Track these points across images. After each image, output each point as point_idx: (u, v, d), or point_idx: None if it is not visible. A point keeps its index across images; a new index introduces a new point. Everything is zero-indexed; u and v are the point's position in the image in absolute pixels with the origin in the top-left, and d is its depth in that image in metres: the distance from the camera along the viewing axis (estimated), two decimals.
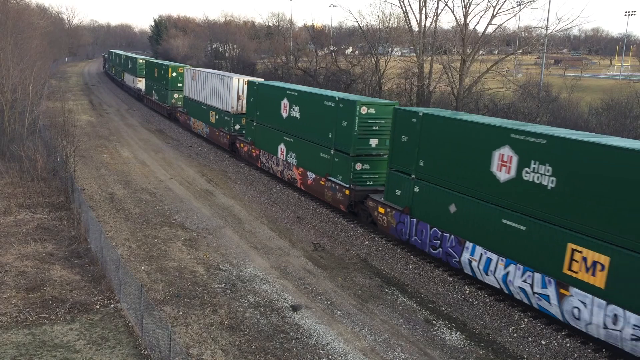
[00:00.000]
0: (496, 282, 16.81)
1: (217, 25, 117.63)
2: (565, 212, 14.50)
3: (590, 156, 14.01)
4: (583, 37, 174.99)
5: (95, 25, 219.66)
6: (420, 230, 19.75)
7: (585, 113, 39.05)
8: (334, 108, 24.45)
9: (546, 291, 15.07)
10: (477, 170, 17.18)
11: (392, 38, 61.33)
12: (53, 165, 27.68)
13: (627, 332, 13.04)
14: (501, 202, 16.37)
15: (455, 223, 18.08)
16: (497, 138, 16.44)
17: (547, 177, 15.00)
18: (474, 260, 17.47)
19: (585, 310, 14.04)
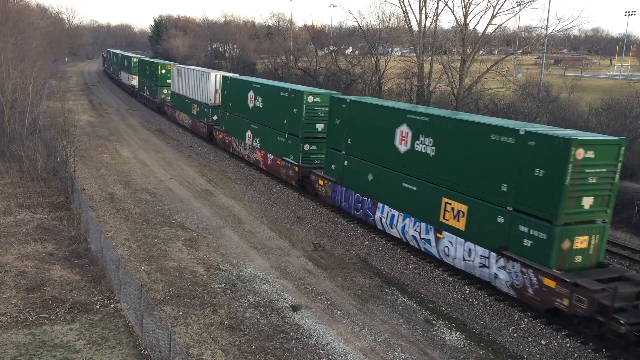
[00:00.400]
0: (397, 233, 21.15)
1: (217, 25, 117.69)
2: (441, 174, 18.77)
3: (453, 129, 18.40)
4: (583, 37, 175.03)
5: (95, 25, 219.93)
6: (347, 197, 23.96)
7: (585, 113, 39.06)
8: (287, 98, 28.47)
9: (428, 236, 19.42)
10: (386, 145, 21.36)
11: (392, 38, 61.32)
12: (53, 165, 27.68)
13: (476, 262, 17.50)
14: (402, 169, 20.65)
15: (372, 189, 22.40)
16: (399, 118, 20.65)
17: (430, 147, 19.33)
18: (383, 217, 21.73)
19: (452, 248, 18.38)
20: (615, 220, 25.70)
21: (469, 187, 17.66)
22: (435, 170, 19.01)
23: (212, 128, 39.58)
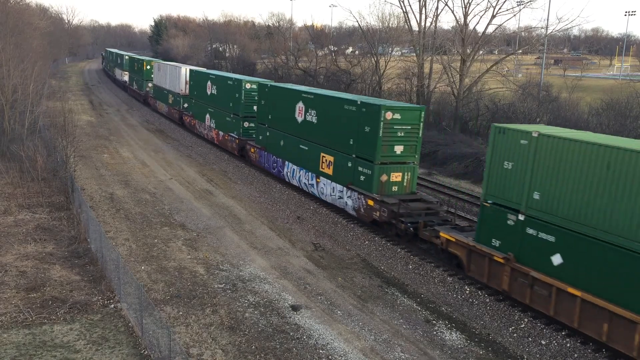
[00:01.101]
0: (297, 182, 28.26)
1: (217, 25, 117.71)
2: (320, 136, 25.96)
3: (326, 103, 25.75)
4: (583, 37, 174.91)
5: (95, 25, 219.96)
6: (269, 159, 31.09)
7: (586, 113, 39.08)
8: (232, 85, 35.70)
9: (312, 182, 26.71)
10: (290, 118, 28.29)
11: (392, 38, 61.34)
12: (53, 165, 27.67)
13: (337, 195, 24.87)
14: (299, 135, 27.63)
15: (282, 152, 29.43)
16: (297, 97, 27.76)
17: (314, 117, 26.42)
18: (289, 172, 28.96)
19: (325, 188, 25.72)
20: None
21: (335, 143, 24.88)
22: (317, 133, 26.20)
23: (182, 114, 46.83)
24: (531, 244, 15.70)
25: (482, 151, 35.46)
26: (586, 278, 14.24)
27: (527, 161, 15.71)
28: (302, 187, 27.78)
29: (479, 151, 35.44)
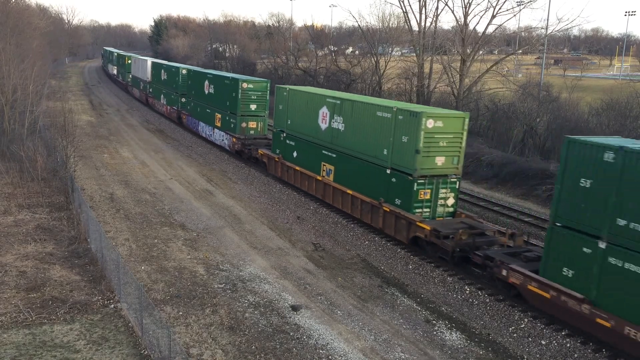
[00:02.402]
0: (204, 135, 40.90)
1: (217, 25, 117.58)
2: (214, 103, 38.70)
3: (219, 82, 38.13)
4: (583, 37, 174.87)
5: (95, 25, 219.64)
6: (192, 122, 44.02)
7: (586, 113, 39.06)
8: (174, 72, 48.61)
9: (211, 132, 39.33)
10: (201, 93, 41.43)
11: (392, 38, 61.33)
12: (53, 165, 27.66)
13: (220, 138, 37.02)
14: (206, 103, 40.08)
15: (198, 116, 42.37)
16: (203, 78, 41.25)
17: (212, 89, 38.74)
18: (200, 129, 41.76)
19: (216, 135, 37.88)
20: None
21: (220, 105, 37.83)
22: (213, 101, 39.02)
23: (147, 96, 59.39)
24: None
25: (481, 151, 35.49)
26: None
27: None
28: (206, 136, 41.33)
29: (479, 151, 35.46)
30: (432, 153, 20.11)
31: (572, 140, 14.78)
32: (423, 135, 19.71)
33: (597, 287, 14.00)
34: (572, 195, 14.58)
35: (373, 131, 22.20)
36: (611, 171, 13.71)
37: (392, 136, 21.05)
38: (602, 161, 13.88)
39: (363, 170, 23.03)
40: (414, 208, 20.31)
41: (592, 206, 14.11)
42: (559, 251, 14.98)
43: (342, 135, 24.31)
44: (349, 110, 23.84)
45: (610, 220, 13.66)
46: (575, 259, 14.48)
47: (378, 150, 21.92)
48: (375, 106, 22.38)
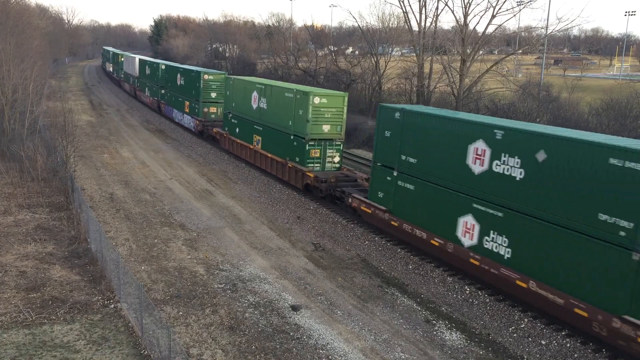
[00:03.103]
0: (177, 120, 47.47)
1: (217, 25, 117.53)
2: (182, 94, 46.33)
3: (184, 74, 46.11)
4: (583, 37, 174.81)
5: (95, 25, 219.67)
6: (168, 109, 50.89)
7: (586, 113, 39.02)
8: (155, 67, 55.87)
9: (182, 117, 46.55)
10: (174, 85, 47.78)
11: (392, 38, 61.34)
12: (53, 165, 27.66)
13: (188, 121, 44.73)
14: (177, 93, 47.09)
15: (171, 103, 49.24)
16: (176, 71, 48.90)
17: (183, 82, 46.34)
18: (175, 116, 48.24)
19: (184, 119, 45.49)
20: None
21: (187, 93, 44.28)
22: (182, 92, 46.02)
23: (135, 89, 66.45)
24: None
25: None
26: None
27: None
28: (178, 121, 47.99)
29: None
30: (319, 122, 27.23)
31: (381, 106, 21.67)
32: (311, 109, 26.86)
33: (392, 201, 21.08)
34: (382, 143, 21.53)
35: (283, 108, 29.15)
36: (398, 125, 20.51)
37: (294, 110, 28.07)
38: (394, 119, 20.61)
39: (278, 138, 29.81)
40: (307, 163, 27.32)
41: (390, 149, 20.94)
42: (376, 181, 22.02)
43: (266, 112, 31.31)
44: (270, 93, 30.89)
45: (398, 157, 20.54)
46: (384, 185, 21.47)
47: (286, 122, 28.80)
48: (284, 89, 29.60)
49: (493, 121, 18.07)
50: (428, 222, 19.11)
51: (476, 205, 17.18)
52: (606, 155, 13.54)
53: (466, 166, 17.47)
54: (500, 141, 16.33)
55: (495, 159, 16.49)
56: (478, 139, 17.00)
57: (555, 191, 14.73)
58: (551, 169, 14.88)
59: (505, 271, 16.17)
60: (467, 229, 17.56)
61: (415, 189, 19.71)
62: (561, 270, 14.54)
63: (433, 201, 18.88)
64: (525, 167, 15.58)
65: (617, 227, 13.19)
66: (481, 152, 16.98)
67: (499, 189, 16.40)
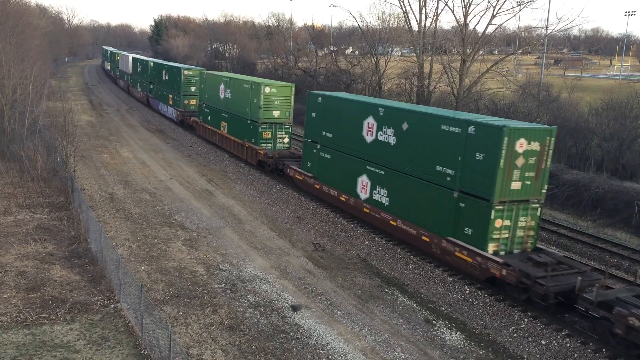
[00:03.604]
0: (162, 111, 52.67)
1: (217, 25, 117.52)
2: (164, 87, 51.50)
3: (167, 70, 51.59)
4: (583, 37, 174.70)
5: (95, 25, 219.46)
6: (154, 102, 55.62)
7: (586, 113, 38.99)
8: (145, 65, 60.45)
9: (166, 109, 51.25)
10: (156, 77, 54.15)
11: (392, 38, 61.32)
12: (53, 165, 27.66)
13: (171, 112, 49.89)
14: (161, 87, 52.41)
15: (157, 97, 54.30)
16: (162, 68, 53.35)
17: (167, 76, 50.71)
18: (160, 108, 53.25)
19: (168, 110, 50.65)
20: (615, 220, 25.75)
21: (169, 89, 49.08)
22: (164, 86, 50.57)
23: (129, 85, 70.87)
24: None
25: None
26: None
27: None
28: (162, 113, 53.00)
29: None
30: (270, 109, 32.02)
31: (309, 93, 26.96)
32: (263, 98, 31.65)
33: (316, 169, 26.29)
34: (309, 123, 26.63)
35: (243, 97, 33.95)
36: (320, 108, 25.76)
37: (250, 99, 32.86)
38: (318, 102, 25.82)
39: (239, 123, 34.67)
40: (260, 143, 32.13)
41: (315, 127, 26.08)
42: (306, 154, 27.28)
43: (230, 101, 36.10)
44: (233, 85, 35.74)
45: (320, 133, 25.67)
46: (311, 156, 26.72)
47: (244, 110, 33.70)
48: (243, 81, 34.68)
49: (378, 102, 23.74)
50: (339, 183, 24.56)
51: (369, 167, 22.54)
52: (439, 123, 18.86)
53: (362, 137, 22.79)
54: (382, 117, 21.63)
55: (379, 130, 21.79)
56: (369, 116, 22.32)
57: (412, 152, 20.11)
58: (410, 135, 20.24)
59: (385, 215, 21.60)
60: (363, 186, 23.00)
61: (331, 158, 25.12)
62: (415, 210, 20.10)
63: (342, 166, 24.34)
64: (396, 136, 20.94)
65: (445, 174, 18.64)
66: (371, 126, 22.29)
67: (382, 153, 21.72)
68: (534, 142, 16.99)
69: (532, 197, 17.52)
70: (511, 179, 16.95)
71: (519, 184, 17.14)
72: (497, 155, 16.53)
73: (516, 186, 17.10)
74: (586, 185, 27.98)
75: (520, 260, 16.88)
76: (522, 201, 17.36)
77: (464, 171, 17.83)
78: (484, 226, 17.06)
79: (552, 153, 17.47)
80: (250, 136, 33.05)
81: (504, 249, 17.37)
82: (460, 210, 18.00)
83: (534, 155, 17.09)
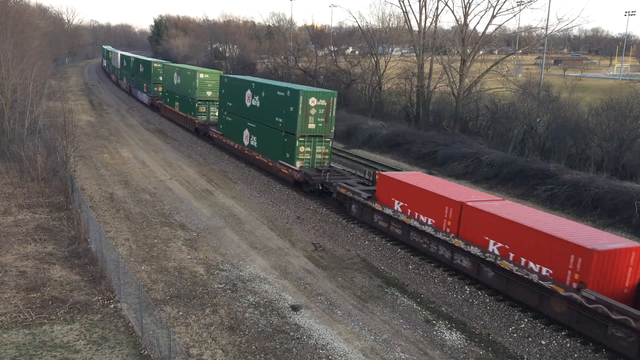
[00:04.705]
0: (140, 98, 64.40)
1: (217, 25, 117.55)
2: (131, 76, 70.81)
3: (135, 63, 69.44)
4: (583, 37, 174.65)
5: (95, 25, 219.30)
6: (135, 90, 67.46)
7: (586, 113, 38.97)
8: (133, 61, 68.88)
9: (142, 95, 63.51)
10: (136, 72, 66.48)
11: (392, 38, 61.34)
12: (53, 165, 27.65)
13: (145, 98, 62.24)
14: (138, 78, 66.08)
15: (137, 87, 66.02)
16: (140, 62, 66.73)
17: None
18: (138, 95, 65.62)
19: (143, 97, 63.02)
20: (615, 220, 25.73)
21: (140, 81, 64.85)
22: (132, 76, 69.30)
23: (118, 79, 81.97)
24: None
25: (482, 151, 35.48)
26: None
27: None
28: (140, 100, 62.85)
29: (479, 151, 35.43)
30: (204, 90, 43.00)
31: (220, 76, 39.58)
32: (198, 82, 42.66)
33: (224, 129, 37.53)
34: (221, 97, 37.97)
35: (187, 81, 44.89)
36: (225, 85, 37.18)
37: (191, 83, 43.91)
38: (225, 82, 37.45)
39: (185, 102, 45.84)
40: (197, 115, 43.33)
41: (224, 99, 37.29)
42: (220, 119, 38.67)
43: (180, 85, 47.21)
44: (181, 72, 47.45)
45: (226, 103, 36.81)
46: (222, 121, 37.82)
47: (187, 90, 44.97)
48: (187, 69, 46.57)
49: (253, 79, 36.19)
50: (234, 136, 35.89)
51: (248, 123, 33.66)
52: (276, 90, 30.31)
53: (244, 103, 33.90)
54: (254, 89, 32.88)
55: (253, 98, 32.99)
56: (247, 89, 33.54)
57: (267, 111, 31.25)
58: (266, 100, 31.45)
59: (254, 153, 32.96)
60: (246, 136, 34.11)
61: (231, 120, 36.27)
62: (267, 147, 31.45)
63: (236, 125, 35.50)
64: (260, 101, 32.18)
65: (279, 122, 29.71)
66: (249, 95, 33.42)
67: (254, 113, 33.01)
68: (322, 100, 28.16)
69: (324, 134, 28.69)
70: (308, 122, 28.05)
71: (314, 125, 28.22)
72: (297, 107, 27.81)
73: (312, 126, 28.18)
74: (586, 185, 27.94)
75: (312, 170, 27.94)
76: (317, 136, 28.56)
77: (285, 119, 28.99)
78: (293, 151, 28.37)
79: (335, 107, 28.75)
80: (192, 110, 44.08)
81: (307, 165, 28.58)
82: (285, 143, 29.26)
83: (322, 108, 28.25)
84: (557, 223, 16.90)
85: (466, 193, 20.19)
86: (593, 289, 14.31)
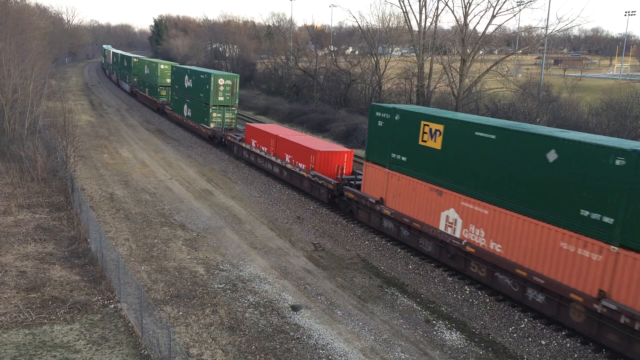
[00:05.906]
0: (123, 88, 78.56)
1: (217, 25, 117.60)
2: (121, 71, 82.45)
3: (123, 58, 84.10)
4: (583, 37, 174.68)
5: (95, 25, 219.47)
6: (121, 83, 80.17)
7: (585, 113, 39.03)
8: (123, 58, 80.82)
9: (125, 86, 78.22)
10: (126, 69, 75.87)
11: (392, 38, 61.34)
12: (53, 165, 27.66)
13: (127, 87, 76.32)
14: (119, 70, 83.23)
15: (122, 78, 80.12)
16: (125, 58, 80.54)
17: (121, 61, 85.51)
18: (123, 85, 79.43)
19: (126, 87, 78.04)
20: None
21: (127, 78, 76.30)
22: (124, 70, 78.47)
23: (111, 74, 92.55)
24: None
25: None
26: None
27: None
28: (124, 89, 74.53)
29: None
30: (163, 78, 54.68)
31: (172, 67, 52.74)
32: (159, 72, 55.11)
33: (174, 106, 50.40)
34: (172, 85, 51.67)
35: (151, 72, 56.97)
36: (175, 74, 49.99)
37: (155, 73, 56.40)
38: (174, 71, 50.78)
39: (150, 88, 58.02)
40: (159, 98, 54.98)
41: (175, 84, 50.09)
42: (172, 101, 50.86)
43: (147, 75, 59.42)
44: (147, 65, 60.01)
45: (175, 87, 50.22)
46: (174, 101, 50.74)
47: (153, 80, 57.02)
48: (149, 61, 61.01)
49: (190, 67, 48.27)
50: (180, 111, 47.14)
51: (187, 100, 44.77)
52: (200, 74, 42.49)
53: (185, 85, 45.12)
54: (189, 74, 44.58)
55: (188, 81, 44.56)
56: (185, 75, 44.78)
57: (197, 91, 42.62)
58: (195, 82, 42.88)
59: (190, 121, 44.46)
60: (185, 110, 45.56)
61: (178, 99, 47.02)
62: (196, 115, 43.07)
63: (180, 102, 46.66)
64: (191, 82, 43.83)
65: (202, 97, 41.32)
66: (187, 80, 44.71)
67: (189, 93, 44.70)
68: (228, 81, 40.09)
69: (230, 105, 40.31)
70: (218, 96, 39.78)
71: (223, 98, 39.97)
72: (210, 86, 39.34)
73: (221, 99, 39.98)
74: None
75: (220, 130, 39.29)
76: (225, 106, 40.16)
77: (205, 94, 40.42)
78: (208, 116, 40.18)
79: (238, 86, 40.54)
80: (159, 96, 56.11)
81: (219, 126, 39.85)
82: (204, 111, 40.86)
83: (228, 87, 39.90)
84: (312, 141, 30.62)
85: (284, 133, 32.27)
86: (319, 172, 26.33)
